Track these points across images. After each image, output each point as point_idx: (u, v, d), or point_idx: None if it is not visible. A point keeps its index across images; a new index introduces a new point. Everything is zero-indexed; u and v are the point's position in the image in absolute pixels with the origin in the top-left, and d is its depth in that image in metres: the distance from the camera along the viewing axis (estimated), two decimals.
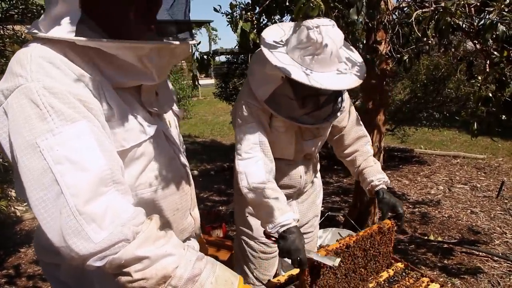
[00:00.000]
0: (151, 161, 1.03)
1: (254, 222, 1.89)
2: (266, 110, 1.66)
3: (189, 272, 0.86)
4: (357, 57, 1.67)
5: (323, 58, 1.47)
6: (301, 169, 1.88)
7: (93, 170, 0.78)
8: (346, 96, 1.86)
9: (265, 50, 1.52)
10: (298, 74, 1.45)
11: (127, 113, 0.96)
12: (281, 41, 1.61)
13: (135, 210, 0.84)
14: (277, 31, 1.66)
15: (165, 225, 1.09)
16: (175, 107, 1.25)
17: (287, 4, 2.14)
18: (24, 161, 0.77)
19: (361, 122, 1.97)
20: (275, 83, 1.61)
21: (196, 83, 2.10)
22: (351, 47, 1.74)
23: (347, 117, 1.90)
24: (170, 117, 1.18)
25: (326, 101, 1.68)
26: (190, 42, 1.06)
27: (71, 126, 0.79)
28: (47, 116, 0.78)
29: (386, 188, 1.79)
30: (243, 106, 1.66)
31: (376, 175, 1.81)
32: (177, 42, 1.01)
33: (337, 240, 1.50)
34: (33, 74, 0.80)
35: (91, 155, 0.79)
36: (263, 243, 1.91)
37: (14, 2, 3.05)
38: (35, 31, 0.89)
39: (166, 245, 0.85)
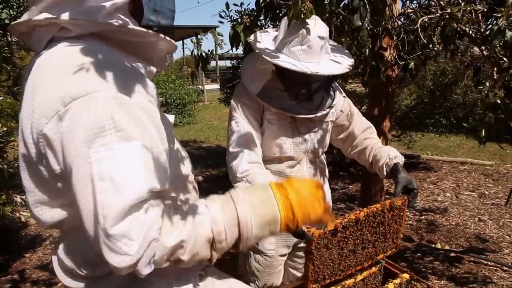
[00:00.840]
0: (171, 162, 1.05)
1: None
2: (258, 106, 1.71)
3: (224, 221, 0.89)
4: (343, 49, 1.77)
5: (310, 48, 1.55)
6: (305, 171, 1.84)
7: (129, 195, 0.78)
8: (346, 99, 1.92)
9: (253, 45, 1.63)
10: (285, 63, 1.54)
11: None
12: (270, 40, 1.71)
13: (157, 212, 0.84)
14: (265, 34, 1.77)
15: None
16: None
17: (284, 8, 2.15)
18: (76, 168, 0.78)
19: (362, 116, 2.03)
20: (266, 77, 1.69)
21: (196, 79, 2.16)
22: (336, 43, 1.84)
23: (349, 115, 1.94)
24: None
25: (316, 92, 1.72)
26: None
27: (126, 145, 0.79)
28: (106, 129, 0.78)
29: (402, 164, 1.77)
30: (233, 104, 1.74)
31: (391, 151, 1.80)
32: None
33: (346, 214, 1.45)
34: (100, 82, 0.80)
35: (133, 179, 0.80)
36: (268, 256, 1.89)
37: (22, 9, 3.08)
38: (72, 20, 0.84)
39: (188, 218, 0.86)
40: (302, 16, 1.33)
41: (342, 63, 1.67)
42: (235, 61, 6.93)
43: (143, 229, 0.79)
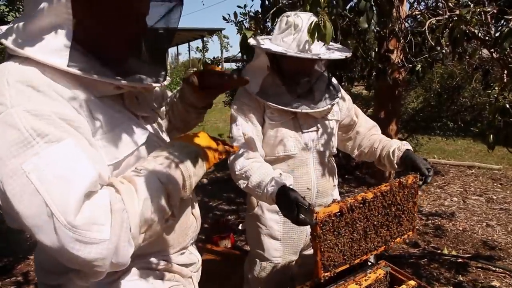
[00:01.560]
0: None
1: (267, 242, 1.85)
2: (259, 105, 1.73)
3: (166, 169, 0.92)
4: (342, 46, 1.84)
5: (303, 38, 1.59)
6: (311, 173, 1.80)
7: (80, 182, 0.76)
8: (346, 96, 1.94)
9: (251, 40, 1.71)
10: (277, 47, 1.62)
11: (115, 124, 0.94)
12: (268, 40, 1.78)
13: (105, 189, 0.84)
14: (265, 37, 1.85)
15: (168, 229, 1.09)
16: (162, 109, 1.31)
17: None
18: (10, 190, 0.74)
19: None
20: (263, 74, 1.72)
21: None
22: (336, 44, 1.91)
23: (353, 114, 1.97)
24: (155, 118, 1.19)
25: (315, 86, 1.75)
26: (160, 84, 1.08)
27: (57, 145, 0.77)
28: (30, 140, 0.75)
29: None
30: (233, 105, 1.77)
31: (399, 142, 1.83)
32: (154, 84, 1.05)
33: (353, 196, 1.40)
34: (12, 100, 0.77)
35: (78, 166, 0.78)
36: (274, 263, 1.87)
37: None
38: (13, 46, 0.84)
39: (138, 181, 0.87)
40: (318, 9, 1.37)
41: (336, 53, 1.69)
42: (240, 63, 6.92)
43: (106, 209, 0.78)
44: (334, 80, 1.88)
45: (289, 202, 1.36)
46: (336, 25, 1.99)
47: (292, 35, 1.61)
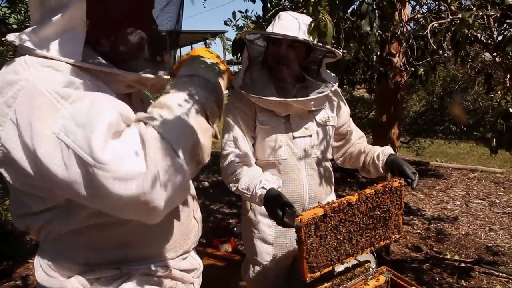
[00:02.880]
0: None
1: (259, 246, 1.85)
2: (251, 108, 1.73)
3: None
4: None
5: (283, 22, 1.62)
6: (303, 179, 1.78)
7: (100, 120, 0.75)
8: (347, 109, 1.94)
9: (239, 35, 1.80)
10: (251, 32, 1.70)
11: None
12: None
13: (133, 123, 0.83)
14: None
15: (169, 230, 1.08)
16: None
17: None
18: (43, 152, 0.75)
19: None
20: (244, 66, 1.74)
21: None
22: None
23: (349, 124, 1.96)
24: None
25: (303, 80, 1.72)
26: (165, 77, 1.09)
27: (79, 102, 0.78)
28: (55, 103, 0.77)
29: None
30: (225, 109, 1.76)
31: (384, 147, 1.83)
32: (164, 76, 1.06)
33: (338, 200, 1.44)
34: (33, 73, 0.80)
35: (97, 109, 0.77)
36: (267, 268, 1.86)
37: (29, 14, 3.10)
38: (31, 45, 0.86)
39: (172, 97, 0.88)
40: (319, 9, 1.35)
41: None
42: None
43: (135, 141, 0.77)
44: (327, 74, 1.83)
45: (275, 206, 1.43)
46: (339, 28, 1.97)
47: (273, 24, 1.64)
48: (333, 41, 2.01)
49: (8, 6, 3.20)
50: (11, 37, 0.90)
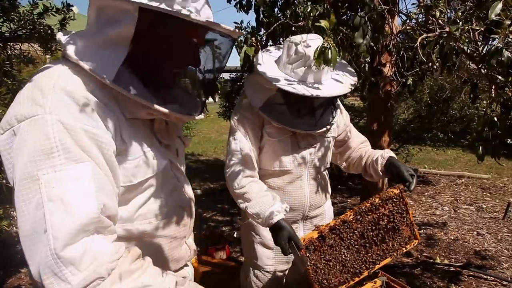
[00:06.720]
0: (154, 193, 1.04)
1: (260, 250, 1.88)
2: (259, 119, 1.74)
3: None
4: (347, 66, 1.84)
5: (313, 68, 1.59)
6: (305, 187, 1.85)
7: (80, 215, 0.77)
8: (344, 112, 1.98)
9: (259, 67, 1.68)
10: (288, 86, 1.59)
11: (139, 148, 0.97)
12: (273, 61, 1.77)
13: (115, 246, 0.83)
14: (267, 54, 1.83)
15: (160, 255, 1.09)
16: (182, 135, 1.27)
17: (293, 29, 2.17)
18: (21, 190, 0.77)
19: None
20: (269, 92, 1.71)
21: None
22: (343, 61, 1.90)
23: (348, 130, 1.99)
24: (178, 145, 1.19)
25: (318, 109, 1.76)
26: (198, 117, 1.10)
27: (75, 166, 0.79)
28: (54, 151, 0.78)
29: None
30: (233, 117, 1.77)
31: (384, 151, 1.86)
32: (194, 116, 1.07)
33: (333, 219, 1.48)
34: (52, 106, 0.81)
35: (84, 200, 0.79)
36: (267, 271, 1.89)
37: (22, 23, 3.10)
38: (69, 51, 0.88)
39: (142, 276, 0.84)
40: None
41: (344, 82, 1.70)
42: (234, 74, 6.94)
43: (93, 262, 0.76)
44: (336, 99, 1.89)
45: (281, 239, 1.50)
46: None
47: (304, 66, 1.61)
48: None
49: (0, 15, 3.20)
50: (59, 35, 0.93)
